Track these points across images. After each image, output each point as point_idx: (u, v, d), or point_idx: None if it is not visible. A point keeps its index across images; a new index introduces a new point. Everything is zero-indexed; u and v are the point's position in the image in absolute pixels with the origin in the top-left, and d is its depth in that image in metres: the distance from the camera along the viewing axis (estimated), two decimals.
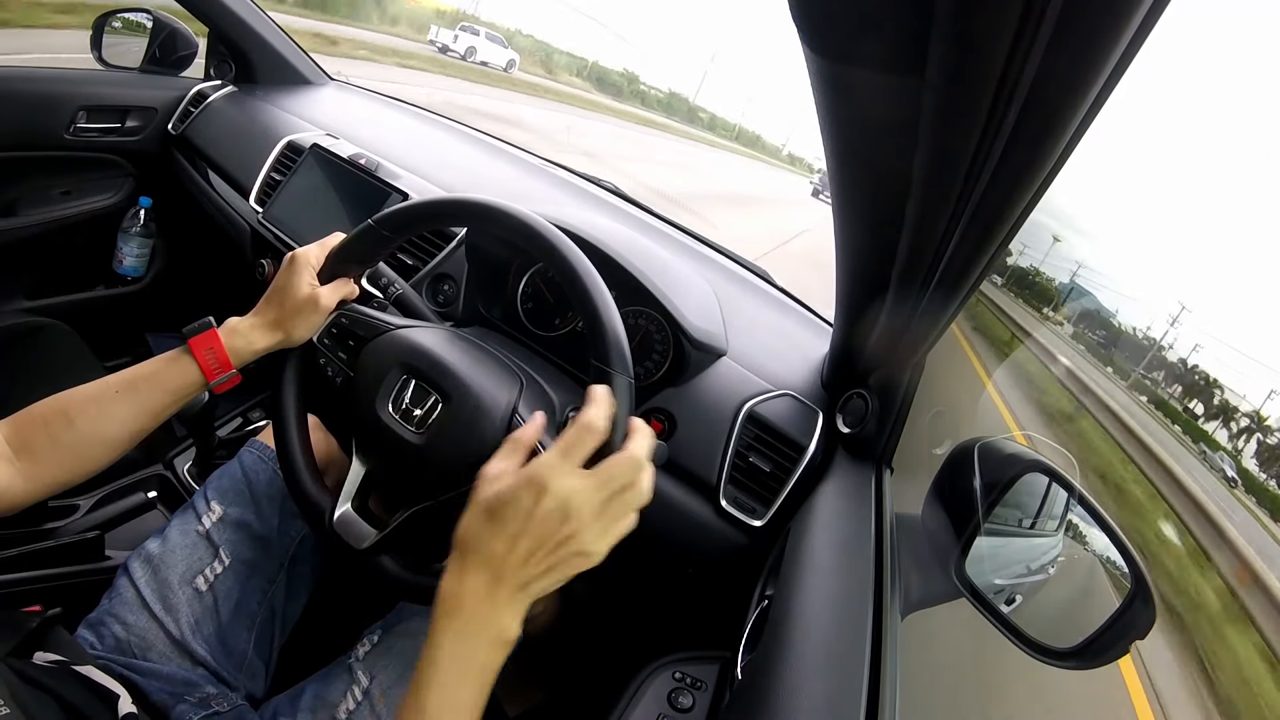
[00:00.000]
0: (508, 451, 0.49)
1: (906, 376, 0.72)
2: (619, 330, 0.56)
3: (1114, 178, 30.20)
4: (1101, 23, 0.24)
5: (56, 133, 1.26)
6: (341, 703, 0.62)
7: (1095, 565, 0.59)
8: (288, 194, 1.14)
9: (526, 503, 0.44)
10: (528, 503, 0.44)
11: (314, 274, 0.66)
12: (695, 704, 0.61)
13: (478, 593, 0.44)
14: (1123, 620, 0.52)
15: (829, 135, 0.39)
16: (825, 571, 0.57)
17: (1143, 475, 2.56)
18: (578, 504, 0.45)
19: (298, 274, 0.65)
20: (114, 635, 0.63)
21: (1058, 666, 0.55)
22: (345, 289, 0.68)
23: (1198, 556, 1.92)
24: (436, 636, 0.44)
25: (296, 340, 0.66)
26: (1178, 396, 3.58)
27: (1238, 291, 24.15)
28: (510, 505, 0.45)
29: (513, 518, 0.44)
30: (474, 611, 0.44)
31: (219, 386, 0.63)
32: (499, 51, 18.57)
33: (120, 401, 0.58)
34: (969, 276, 0.47)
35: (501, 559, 0.44)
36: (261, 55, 1.41)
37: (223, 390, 0.63)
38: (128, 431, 0.59)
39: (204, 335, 0.61)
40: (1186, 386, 3.79)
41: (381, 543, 0.60)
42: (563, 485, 0.45)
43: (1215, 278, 28.63)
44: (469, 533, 0.46)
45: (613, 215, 1.11)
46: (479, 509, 0.46)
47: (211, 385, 0.62)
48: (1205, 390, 3.92)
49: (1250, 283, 27.20)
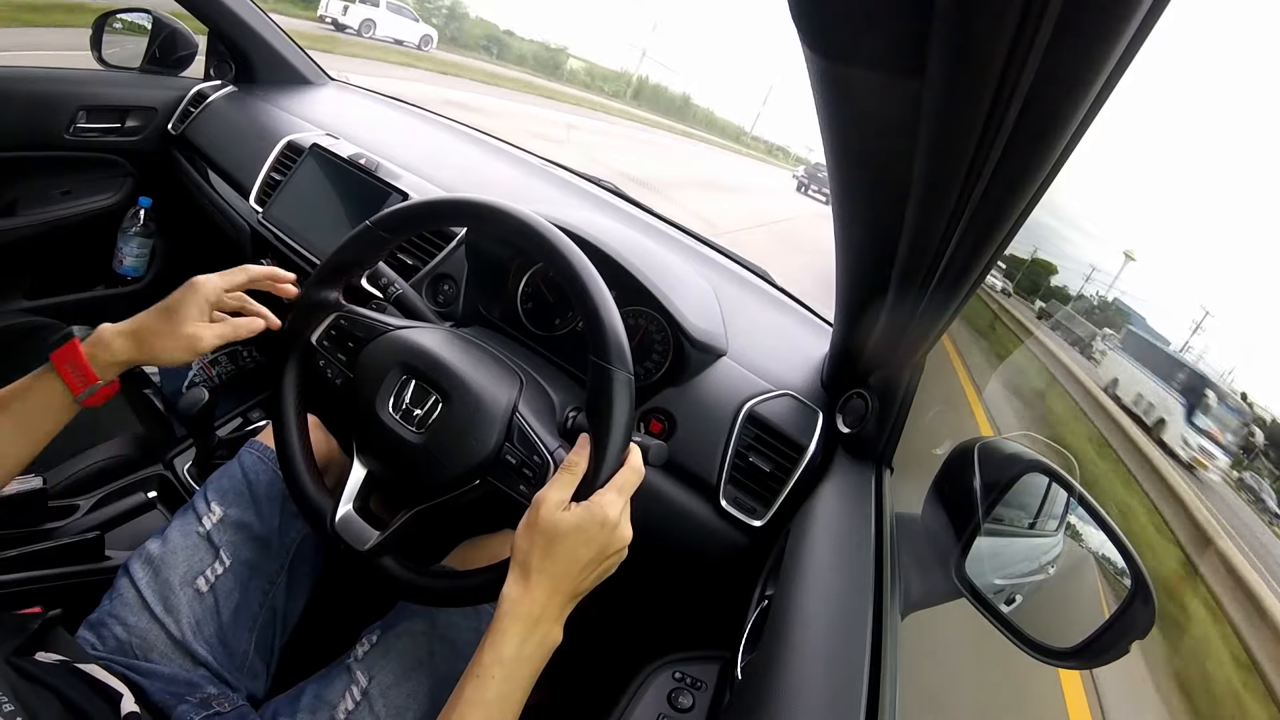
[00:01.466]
0: (565, 483, 0.54)
1: (906, 376, 0.72)
2: (618, 328, 0.56)
3: (1120, 178, 30.17)
4: (1101, 23, 0.24)
5: (56, 133, 1.26)
6: (341, 702, 0.62)
7: (1095, 566, 0.59)
8: (288, 194, 1.14)
9: (598, 537, 0.52)
10: (599, 537, 0.52)
11: (205, 307, 0.64)
12: (695, 704, 0.61)
13: (542, 603, 0.51)
14: (1123, 620, 0.52)
15: (829, 135, 0.39)
16: (825, 571, 0.57)
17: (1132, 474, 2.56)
18: (624, 530, 0.54)
19: (188, 304, 0.63)
20: (115, 636, 0.63)
21: (1058, 666, 0.55)
22: (228, 331, 0.66)
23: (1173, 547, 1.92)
24: (501, 636, 0.50)
25: (162, 363, 0.63)
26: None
27: (1243, 292, 24.22)
28: (577, 537, 0.51)
29: (581, 546, 0.51)
30: (540, 619, 0.51)
31: (89, 400, 0.60)
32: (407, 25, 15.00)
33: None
34: (969, 276, 0.47)
35: (565, 578, 0.51)
36: (261, 55, 1.41)
37: (93, 403, 0.60)
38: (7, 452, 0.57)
39: (65, 348, 0.59)
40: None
41: (384, 544, 0.60)
42: (623, 519, 0.54)
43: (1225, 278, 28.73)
44: (532, 554, 0.51)
45: (613, 215, 1.11)
46: (540, 534, 0.52)
47: (79, 399, 0.59)
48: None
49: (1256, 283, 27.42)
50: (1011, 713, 0.95)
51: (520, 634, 0.50)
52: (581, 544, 0.51)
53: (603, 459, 0.54)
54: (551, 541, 0.51)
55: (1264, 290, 18.00)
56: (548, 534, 0.51)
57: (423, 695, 0.63)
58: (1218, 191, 41.95)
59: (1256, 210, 30.26)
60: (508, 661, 0.49)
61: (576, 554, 0.51)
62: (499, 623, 0.50)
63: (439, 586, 0.60)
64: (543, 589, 0.51)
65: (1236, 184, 39.65)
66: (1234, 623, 1.56)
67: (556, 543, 0.51)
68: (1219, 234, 31.86)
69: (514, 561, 0.53)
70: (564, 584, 0.51)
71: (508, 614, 0.50)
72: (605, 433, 0.55)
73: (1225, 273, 25.31)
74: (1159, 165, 53.92)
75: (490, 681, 0.49)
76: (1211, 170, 51.59)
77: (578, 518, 0.52)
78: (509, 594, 0.51)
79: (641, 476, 0.56)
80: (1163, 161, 59.34)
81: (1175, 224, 36.39)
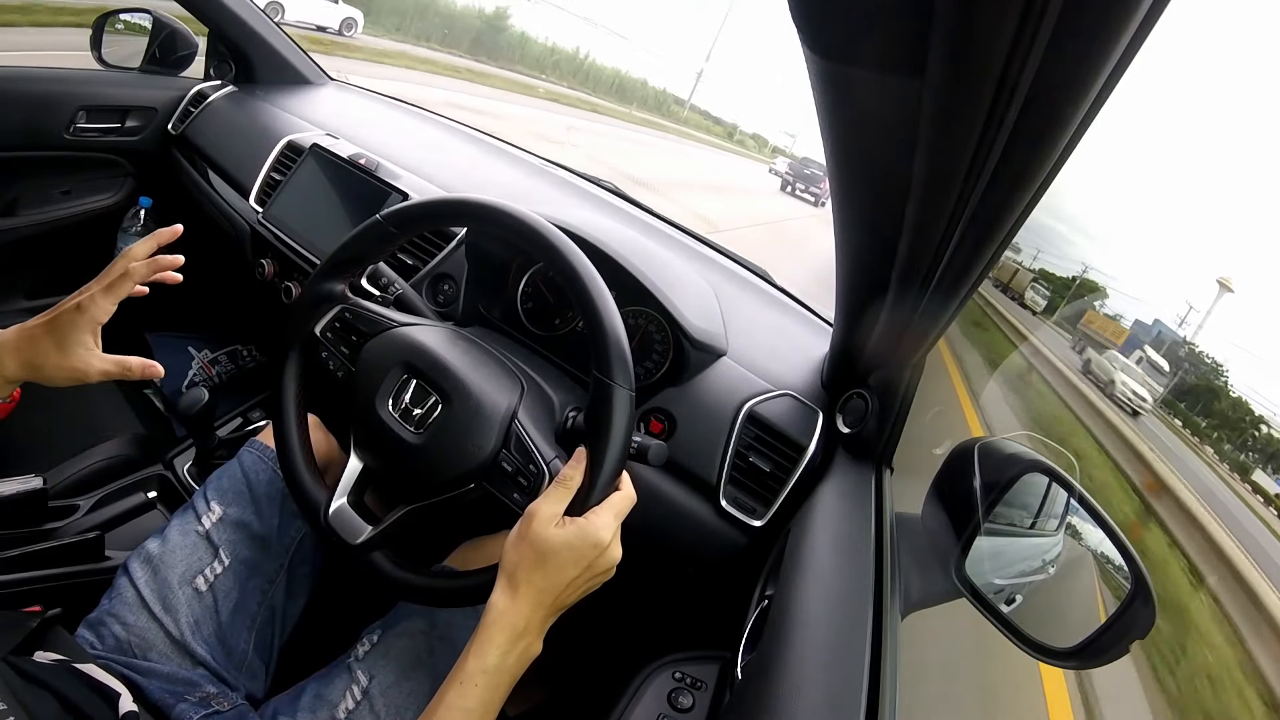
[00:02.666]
0: (559, 496, 0.54)
1: (906, 376, 0.72)
2: (621, 338, 0.56)
3: (1121, 178, 29.91)
4: (1101, 23, 0.24)
5: (56, 133, 1.25)
6: (341, 702, 0.62)
7: (1095, 565, 0.59)
8: (288, 194, 1.14)
9: (588, 556, 0.52)
10: (590, 556, 0.52)
11: (95, 332, 0.61)
12: (695, 704, 0.61)
13: (527, 615, 0.51)
14: (1123, 620, 0.52)
15: (829, 135, 0.39)
16: (825, 571, 0.57)
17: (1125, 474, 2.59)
18: (615, 551, 0.54)
19: (78, 330, 0.60)
20: (114, 635, 0.63)
21: (1058, 666, 0.55)
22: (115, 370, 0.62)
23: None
24: (487, 646, 0.50)
25: (46, 381, 0.60)
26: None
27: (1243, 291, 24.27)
28: (567, 555, 0.52)
29: (571, 564, 0.52)
30: (524, 631, 0.51)
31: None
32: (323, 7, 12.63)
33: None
34: (969, 276, 0.47)
35: (551, 592, 0.52)
36: (261, 55, 1.41)
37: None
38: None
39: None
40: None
41: (375, 539, 0.60)
42: (614, 542, 0.54)
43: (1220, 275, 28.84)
44: (521, 565, 0.52)
45: (613, 215, 1.11)
46: (531, 547, 0.52)
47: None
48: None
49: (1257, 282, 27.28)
50: (1011, 712, 0.95)
51: (504, 644, 0.51)
52: (571, 562, 0.52)
53: (598, 475, 0.54)
54: (542, 556, 0.52)
55: (1265, 288, 18.01)
56: (538, 548, 0.52)
57: (423, 695, 0.63)
58: (1218, 191, 42.02)
59: (1257, 209, 30.31)
60: (491, 670, 0.50)
61: (565, 571, 0.52)
62: (485, 631, 0.51)
63: (429, 585, 0.60)
64: (529, 601, 0.51)
65: (1237, 183, 39.74)
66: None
67: (547, 558, 0.52)
68: (1219, 233, 31.88)
69: (502, 571, 0.53)
70: (549, 598, 0.52)
71: (494, 624, 0.51)
72: (603, 449, 0.55)
73: (1224, 271, 25.33)
74: (1159, 165, 54.01)
75: (473, 689, 0.50)
76: (1212, 169, 51.70)
77: (570, 535, 0.52)
78: (496, 604, 0.52)
79: (634, 502, 0.57)
80: (1163, 161, 59.46)
81: (1176, 224, 36.44)
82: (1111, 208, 26.48)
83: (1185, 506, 1.89)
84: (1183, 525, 1.74)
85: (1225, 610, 1.45)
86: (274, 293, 1.13)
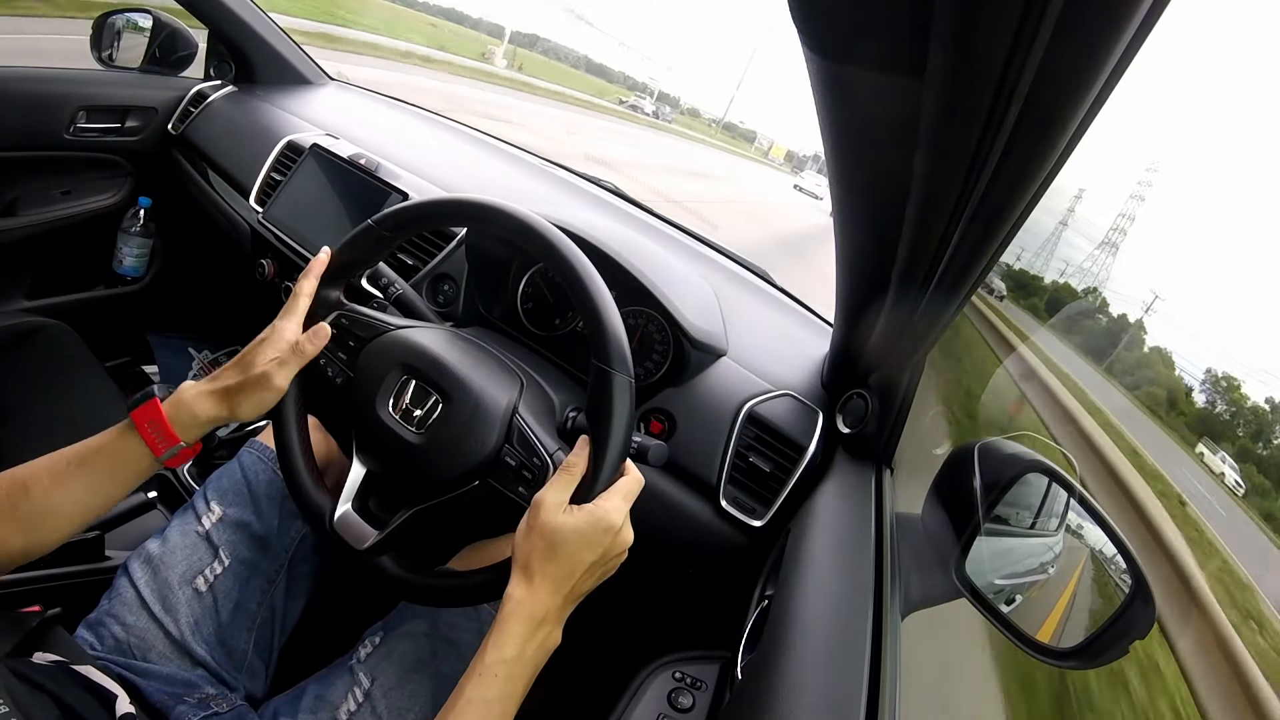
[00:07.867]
0: (564, 484, 0.54)
1: (906, 376, 0.72)
2: (619, 330, 0.56)
3: (1121, 178, 30.16)
4: (1101, 22, 0.24)
5: (56, 133, 1.26)
6: (343, 704, 0.62)
7: (1095, 565, 0.59)
8: (288, 194, 1.14)
9: (601, 541, 0.52)
10: (603, 541, 0.52)
11: (279, 351, 0.61)
12: (695, 704, 0.61)
13: (546, 604, 0.51)
14: (1123, 620, 0.52)
15: (829, 135, 0.39)
16: (825, 571, 0.57)
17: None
18: (627, 534, 0.54)
19: (265, 348, 0.61)
20: (113, 636, 0.62)
21: (1058, 666, 0.55)
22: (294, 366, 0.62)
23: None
24: (506, 636, 0.50)
25: (241, 418, 0.61)
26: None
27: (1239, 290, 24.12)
28: (579, 541, 0.52)
29: (584, 549, 0.52)
30: (543, 620, 0.51)
31: (170, 461, 0.58)
32: None
33: (74, 475, 0.55)
34: (969, 276, 0.47)
35: (568, 580, 0.52)
36: (261, 55, 1.41)
37: (176, 464, 0.59)
38: (81, 506, 0.56)
39: (145, 407, 0.57)
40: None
41: (382, 543, 0.60)
42: (625, 525, 0.54)
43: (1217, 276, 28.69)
44: (533, 555, 0.52)
45: (613, 215, 1.11)
46: (541, 536, 0.52)
47: (162, 460, 0.57)
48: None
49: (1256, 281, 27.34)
50: (1011, 713, 0.95)
51: (524, 634, 0.50)
52: (584, 547, 0.52)
53: (602, 461, 0.54)
54: (553, 544, 0.51)
55: (1264, 286, 17.98)
56: (549, 537, 0.51)
57: (425, 696, 0.63)
58: (1217, 191, 41.97)
59: (1257, 209, 30.27)
60: (510, 661, 0.50)
61: (580, 557, 0.52)
62: (504, 623, 0.50)
63: (436, 586, 0.60)
64: (546, 590, 0.51)
65: (1236, 183, 39.68)
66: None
67: (559, 546, 0.51)
68: (1218, 235, 31.84)
69: (516, 563, 0.53)
70: (566, 585, 0.52)
71: (512, 614, 0.51)
72: (605, 435, 0.55)
73: (1224, 270, 25.28)
74: (1159, 165, 53.99)
75: (493, 680, 0.49)
76: (1211, 170, 51.64)
77: (580, 521, 0.52)
78: (513, 594, 0.51)
79: (642, 484, 0.57)
80: (1162, 162, 59.38)
81: (1174, 224, 36.38)
82: (1111, 208, 26.57)
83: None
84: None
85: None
86: (274, 293, 1.13)
